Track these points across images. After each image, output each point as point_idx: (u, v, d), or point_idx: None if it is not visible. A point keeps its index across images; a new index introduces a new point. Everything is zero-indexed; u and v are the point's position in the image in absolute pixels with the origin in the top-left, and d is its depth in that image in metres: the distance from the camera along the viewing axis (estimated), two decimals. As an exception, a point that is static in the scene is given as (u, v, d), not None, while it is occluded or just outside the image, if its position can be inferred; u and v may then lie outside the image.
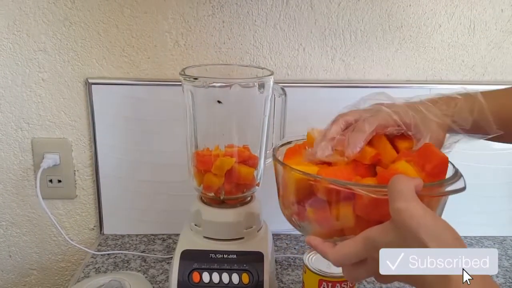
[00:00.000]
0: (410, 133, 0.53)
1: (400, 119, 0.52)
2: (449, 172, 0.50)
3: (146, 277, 0.81)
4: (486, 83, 0.92)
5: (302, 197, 0.52)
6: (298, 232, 0.97)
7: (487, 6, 0.88)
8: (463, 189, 0.47)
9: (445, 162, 0.49)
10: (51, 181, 0.93)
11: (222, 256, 0.69)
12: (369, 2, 0.87)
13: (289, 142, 0.61)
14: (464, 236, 0.98)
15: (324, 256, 0.47)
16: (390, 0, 0.87)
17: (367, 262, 0.45)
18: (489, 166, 0.94)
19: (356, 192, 0.46)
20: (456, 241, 0.40)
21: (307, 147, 0.57)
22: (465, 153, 0.93)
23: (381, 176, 0.48)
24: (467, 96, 0.55)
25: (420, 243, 0.39)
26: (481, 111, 0.54)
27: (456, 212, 0.96)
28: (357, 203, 0.47)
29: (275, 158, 0.56)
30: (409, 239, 0.40)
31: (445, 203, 0.51)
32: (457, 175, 0.49)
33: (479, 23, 0.89)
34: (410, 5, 0.88)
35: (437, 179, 0.48)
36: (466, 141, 0.56)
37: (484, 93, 0.55)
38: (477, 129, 0.55)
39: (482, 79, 0.93)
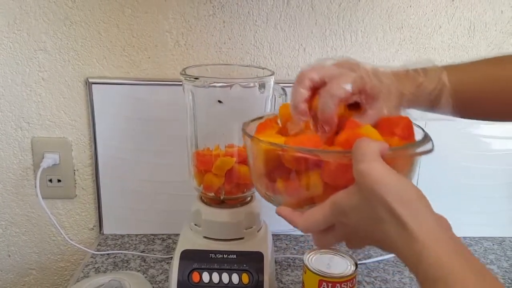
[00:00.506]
0: (365, 102, 0.52)
1: (363, 86, 0.50)
2: (420, 137, 0.50)
3: (145, 277, 0.81)
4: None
5: (271, 168, 0.52)
6: (297, 233, 0.97)
7: (487, 7, 0.89)
8: (430, 151, 0.47)
9: (409, 122, 0.50)
10: (50, 180, 0.93)
11: (222, 256, 0.69)
12: (370, 2, 0.87)
13: (260, 118, 0.61)
14: (463, 237, 0.98)
15: (294, 225, 0.47)
16: (391, 1, 0.88)
17: (335, 228, 0.45)
18: (489, 167, 0.95)
19: (323, 159, 0.46)
20: (420, 199, 0.40)
21: (278, 121, 0.57)
22: (465, 153, 0.93)
23: (346, 141, 0.48)
24: (432, 75, 0.53)
25: (383, 203, 0.39)
26: (442, 92, 0.53)
27: (456, 212, 0.97)
28: (324, 170, 0.47)
29: (244, 132, 0.55)
30: (373, 200, 0.40)
31: (415, 169, 0.51)
32: (426, 139, 0.49)
33: (479, 25, 0.89)
34: (410, 6, 0.88)
35: (409, 142, 0.49)
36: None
37: (449, 70, 0.54)
38: (433, 109, 0.54)
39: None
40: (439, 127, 0.93)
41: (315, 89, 0.52)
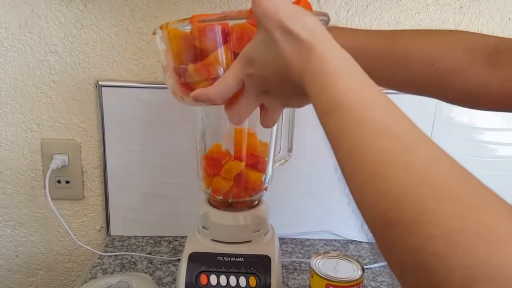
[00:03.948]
0: None
1: None
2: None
3: (152, 278, 0.81)
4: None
5: (182, 55, 0.52)
6: (303, 237, 0.98)
7: (494, 14, 0.89)
8: (325, 17, 0.51)
9: (308, 3, 0.53)
10: (59, 181, 0.94)
11: (229, 259, 0.70)
12: (378, 9, 0.88)
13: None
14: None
15: (207, 97, 0.46)
16: (399, 8, 0.88)
17: (245, 88, 0.45)
18: (495, 173, 0.95)
19: (229, 23, 0.47)
20: (312, 18, 0.40)
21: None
22: (471, 160, 0.94)
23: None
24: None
25: (276, 23, 0.40)
26: None
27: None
28: (232, 39, 0.48)
29: (155, 30, 0.55)
30: (270, 26, 0.40)
31: None
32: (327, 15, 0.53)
33: (487, 31, 0.90)
34: (418, 13, 0.88)
35: None
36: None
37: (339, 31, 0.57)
38: None
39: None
40: (443, 132, 0.93)
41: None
